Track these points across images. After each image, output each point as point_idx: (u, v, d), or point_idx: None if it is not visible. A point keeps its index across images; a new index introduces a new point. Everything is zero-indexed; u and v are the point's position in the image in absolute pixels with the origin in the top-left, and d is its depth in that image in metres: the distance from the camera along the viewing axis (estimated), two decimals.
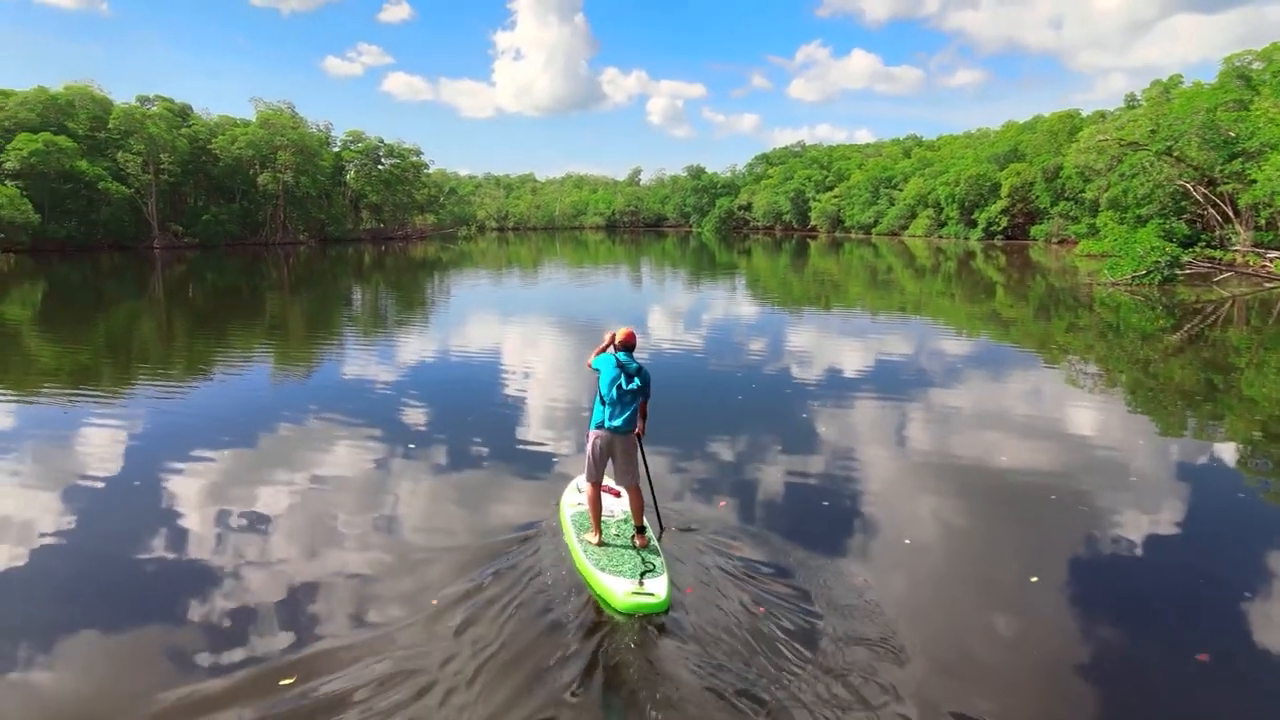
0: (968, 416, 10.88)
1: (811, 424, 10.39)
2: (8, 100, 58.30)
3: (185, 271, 41.51)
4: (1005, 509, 7.47)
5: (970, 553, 6.52)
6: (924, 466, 8.67)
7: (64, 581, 5.91)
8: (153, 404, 11.76)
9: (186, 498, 7.56)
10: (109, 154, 60.93)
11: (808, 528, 6.81)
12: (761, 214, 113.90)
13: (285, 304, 27.18)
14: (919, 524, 7.00)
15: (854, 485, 7.98)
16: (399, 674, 4.56)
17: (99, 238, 59.63)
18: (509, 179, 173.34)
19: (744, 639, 4.97)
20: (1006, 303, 26.21)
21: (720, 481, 8.02)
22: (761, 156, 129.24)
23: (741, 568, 5.93)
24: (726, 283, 35.86)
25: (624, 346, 6.37)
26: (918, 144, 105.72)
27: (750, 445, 9.39)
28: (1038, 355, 16.41)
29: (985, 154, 75.34)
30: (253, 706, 4.28)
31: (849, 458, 8.89)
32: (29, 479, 8.13)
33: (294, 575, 5.93)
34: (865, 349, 16.49)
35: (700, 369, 14.66)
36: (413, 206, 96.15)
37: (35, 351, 16.97)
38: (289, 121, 74.86)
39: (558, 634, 5.04)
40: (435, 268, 47.50)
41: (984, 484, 8.12)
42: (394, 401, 11.75)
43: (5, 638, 5.05)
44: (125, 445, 9.41)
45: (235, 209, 70.11)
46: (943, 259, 49.26)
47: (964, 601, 5.67)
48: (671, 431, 9.47)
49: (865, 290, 31.24)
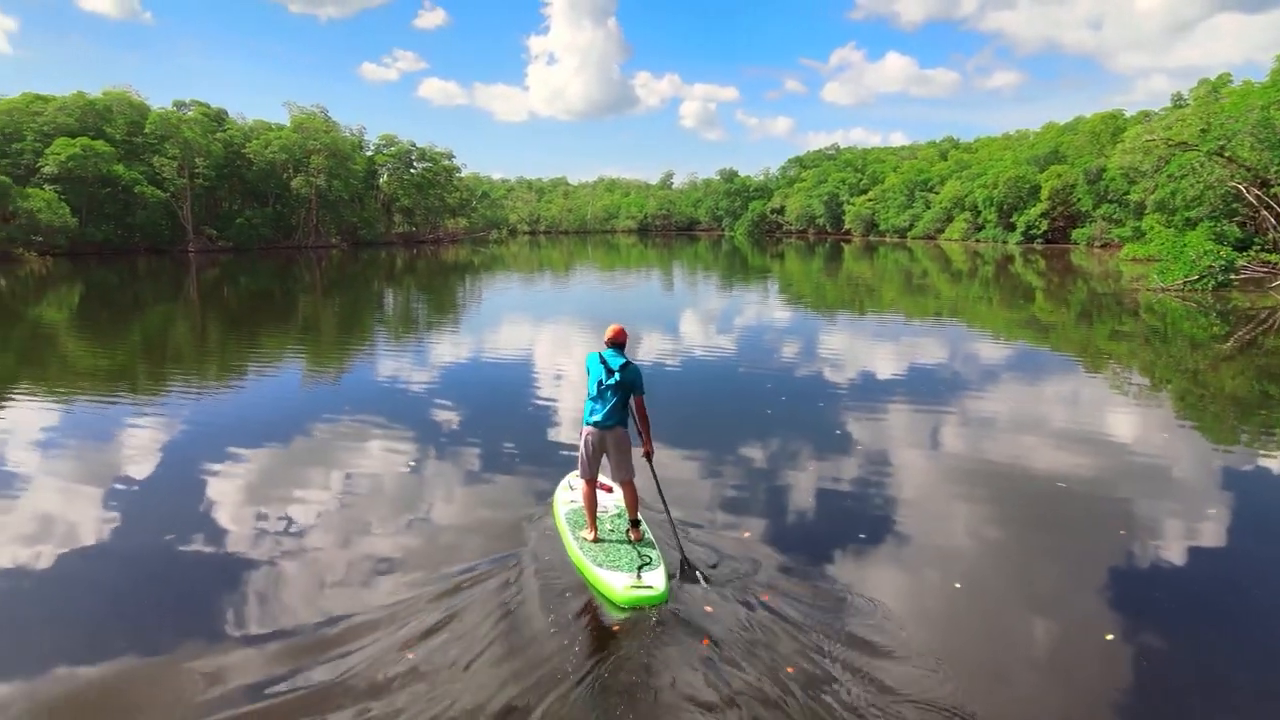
0: (1010, 428, 10.45)
1: (845, 440, 9.93)
2: (47, 106, 59.63)
3: (219, 274, 42.08)
4: (1056, 529, 7.08)
5: (1043, 624, 5.43)
6: (968, 487, 8.23)
7: (106, 571, 6.13)
8: (187, 405, 11.87)
9: (220, 495, 7.72)
10: (145, 158, 62.04)
11: (842, 559, 6.36)
12: (794, 217, 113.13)
13: (317, 307, 27.36)
14: (966, 562, 6.38)
15: (893, 512, 7.35)
16: (400, 667, 4.61)
17: (135, 241, 60.77)
18: (541, 182, 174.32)
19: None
20: (1047, 308, 25.52)
21: (746, 504, 7.46)
22: (795, 159, 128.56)
23: (767, 619, 5.16)
24: (759, 287, 35.49)
25: (611, 344, 6.27)
26: (954, 146, 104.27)
27: (779, 463, 8.82)
28: (1080, 362, 15.86)
29: (1024, 156, 74.01)
30: (262, 685, 4.46)
31: (885, 479, 8.37)
32: (71, 477, 8.26)
33: (309, 565, 6.14)
34: (900, 355, 16.07)
35: (730, 376, 14.37)
36: (444, 210, 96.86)
37: (73, 353, 17.15)
38: (322, 125, 75.91)
39: (556, 629, 5.06)
40: (467, 271, 47.71)
41: (1044, 512, 7.66)
42: (423, 403, 11.87)
43: (56, 626, 5.26)
44: (161, 444, 9.52)
45: (268, 213, 71.14)
46: (980, 263, 48.36)
47: (1024, 660, 5.26)
48: (698, 442, 9.24)
49: (900, 295, 30.67)
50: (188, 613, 5.42)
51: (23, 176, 54.87)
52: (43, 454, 9.11)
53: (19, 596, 5.68)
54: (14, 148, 56.70)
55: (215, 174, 66.60)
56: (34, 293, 31.81)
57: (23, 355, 17.17)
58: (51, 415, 11.08)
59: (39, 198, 52.23)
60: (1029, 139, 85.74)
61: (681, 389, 12.99)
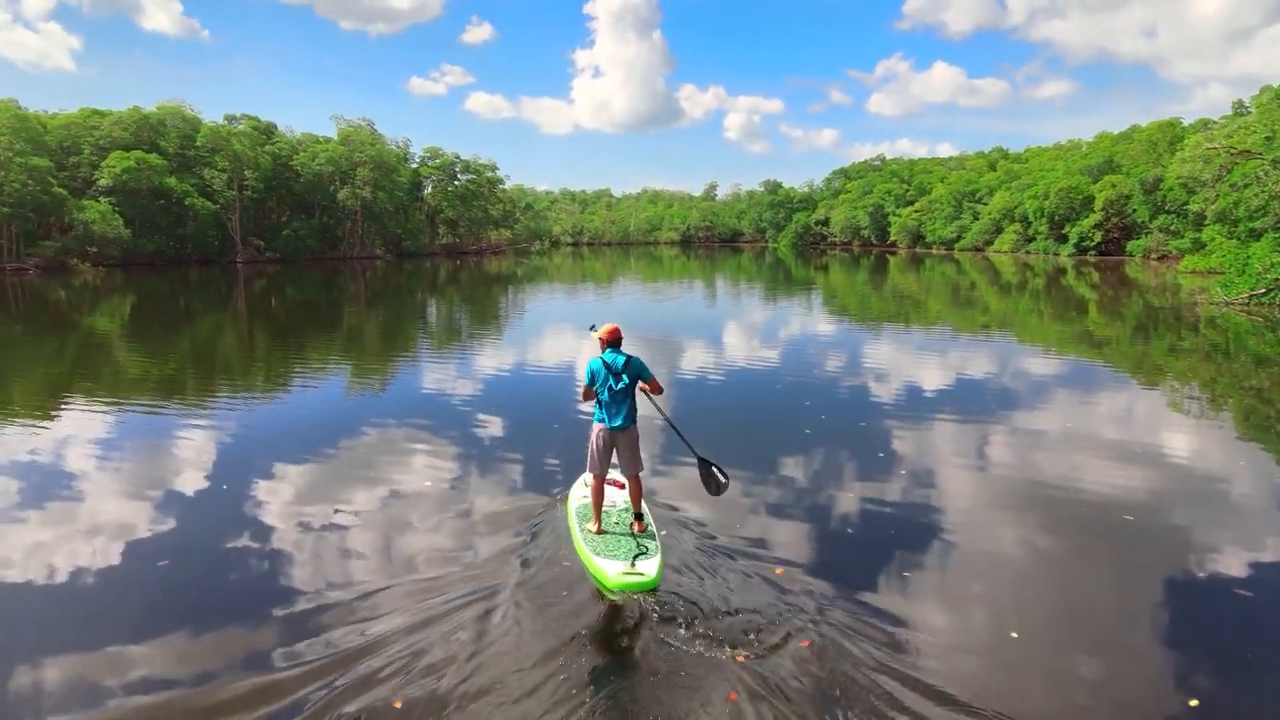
0: (1063, 449, 10.00)
1: (887, 463, 9.52)
2: (103, 120, 61.62)
3: (266, 285, 42.95)
4: (1117, 561, 6.73)
5: (1100, 662, 5.19)
6: (1019, 512, 7.85)
7: (159, 569, 6.32)
8: (235, 413, 12.09)
9: (265, 500, 7.89)
10: (196, 171, 63.83)
11: (885, 594, 5.91)
12: (839, 229, 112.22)
13: (361, 317, 27.68)
14: (1020, 599, 6.02)
15: (939, 544, 6.85)
16: (414, 653, 4.90)
17: (186, 252, 62.32)
18: (585, 194, 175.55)
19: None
20: (1101, 322, 24.77)
21: (781, 533, 7.05)
22: (840, 171, 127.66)
23: (806, 670, 4.77)
24: (802, 299, 35.09)
25: (609, 344, 6.49)
26: (1003, 156, 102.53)
27: (817, 487, 8.27)
28: (1136, 378, 15.27)
29: (1077, 165, 72.45)
30: (295, 680, 4.66)
31: (931, 507, 7.87)
32: (124, 482, 8.42)
33: (348, 553, 6.64)
34: (946, 371, 15.64)
35: (768, 391, 14.08)
36: (487, 221, 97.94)
37: (125, 362, 17.55)
38: (368, 138, 77.30)
39: (558, 613, 5.50)
40: (510, 282, 48.11)
41: (1100, 543, 7.29)
42: (461, 411, 12.02)
43: (109, 622, 5.46)
44: (210, 452, 9.69)
45: (315, 224, 72.59)
46: (1030, 275, 47.31)
47: (1081, 702, 4.98)
48: (733, 462, 8.80)
49: (947, 308, 30.06)
50: (233, 608, 5.67)
51: (80, 189, 56.82)
52: (97, 459, 9.32)
53: (76, 590, 5.93)
54: (71, 161, 58.80)
55: (264, 186, 68.21)
56: (88, 303, 32.72)
57: (79, 363, 17.57)
58: (105, 422, 11.27)
59: (94, 210, 53.96)
60: (1081, 149, 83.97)
61: (719, 405, 12.78)
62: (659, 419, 6.85)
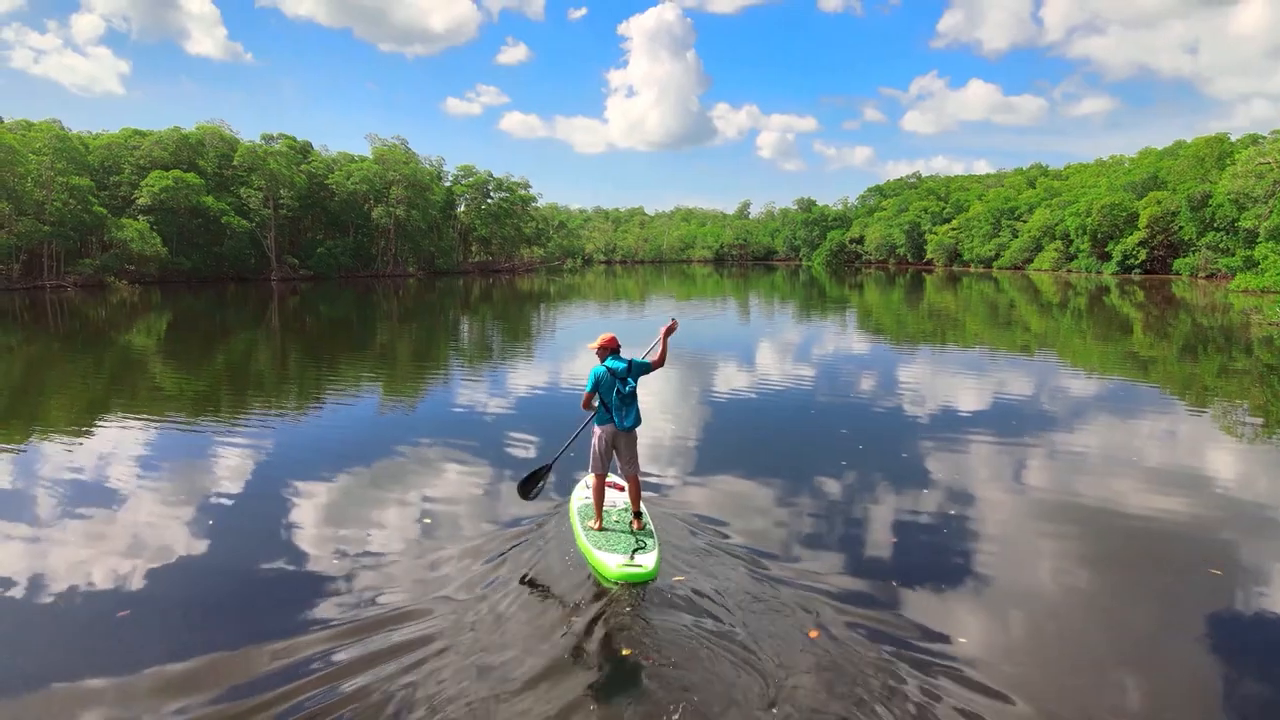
0: (1116, 473, 9.66)
1: (936, 509, 8.34)
2: (144, 140, 63.23)
3: (299, 302, 43.56)
4: (1186, 603, 6.42)
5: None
6: (1072, 543, 7.61)
7: (192, 577, 6.60)
8: (268, 429, 12.22)
9: (298, 514, 8.10)
10: (233, 190, 65.20)
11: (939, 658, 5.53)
12: (874, 247, 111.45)
13: (395, 334, 27.90)
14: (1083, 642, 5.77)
15: (990, 608, 6.26)
16: (423, 637, 5.27)
17: (223, 270, 63.50)
18: (618, 212, 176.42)
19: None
20: (1146, 342, 24.12)
21: (815, 591, 6.10)
22: (875, 188, 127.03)
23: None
24: (836, 318, 34.72)
25: (609, 352, 6.99)
26: (1043, 173, 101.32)
27: (855, 534, 7.38)
28: (1185, 400, 14.75)
29: (1120, 182, 71.18)
30: (316, 655, 5.10)
31: (989, 568, 7.10)
32: (155, 497, 8.59)
33: (370, 549, 7.10)
34: (989, 393, 15.26)
35: (802, 418, 13.67)
36: (520, 239, 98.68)
37: (161, 378, 17.80)
38: (402, 156, 78.46)
39: (561, 603, 5.82)
40: (542, 300, 48.26)
41: (1185, 599, 7.01)
42: (489, 425, 12.26)
43: (149, 626, 5.69)
44: (241, 467, 9.85)
45: (349, 242, 73.66)
46: (1072, 294, 46.42)
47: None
48: (764, 501, 8.54)
49: (985, 327, 29.52)
50: (263, 610, 5.97)
51: (120, 208, 58.26)
52: (134, 474, 9.47)
53: (114, 599, 6.11)
54: (112, 180, 60.35)
55: (299, 204, 69.41)
56: (124, 320, 33.32)
57: (114, 380, 17.88)
58: (138, 438, 11.42)
59: (132, 228, 55.27)
60: (1124, 165, 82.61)
61: (751, 432, 12.34)
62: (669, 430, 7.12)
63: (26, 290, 49.56)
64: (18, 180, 49.77)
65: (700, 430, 12.03)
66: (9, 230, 49.78)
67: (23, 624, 5.72)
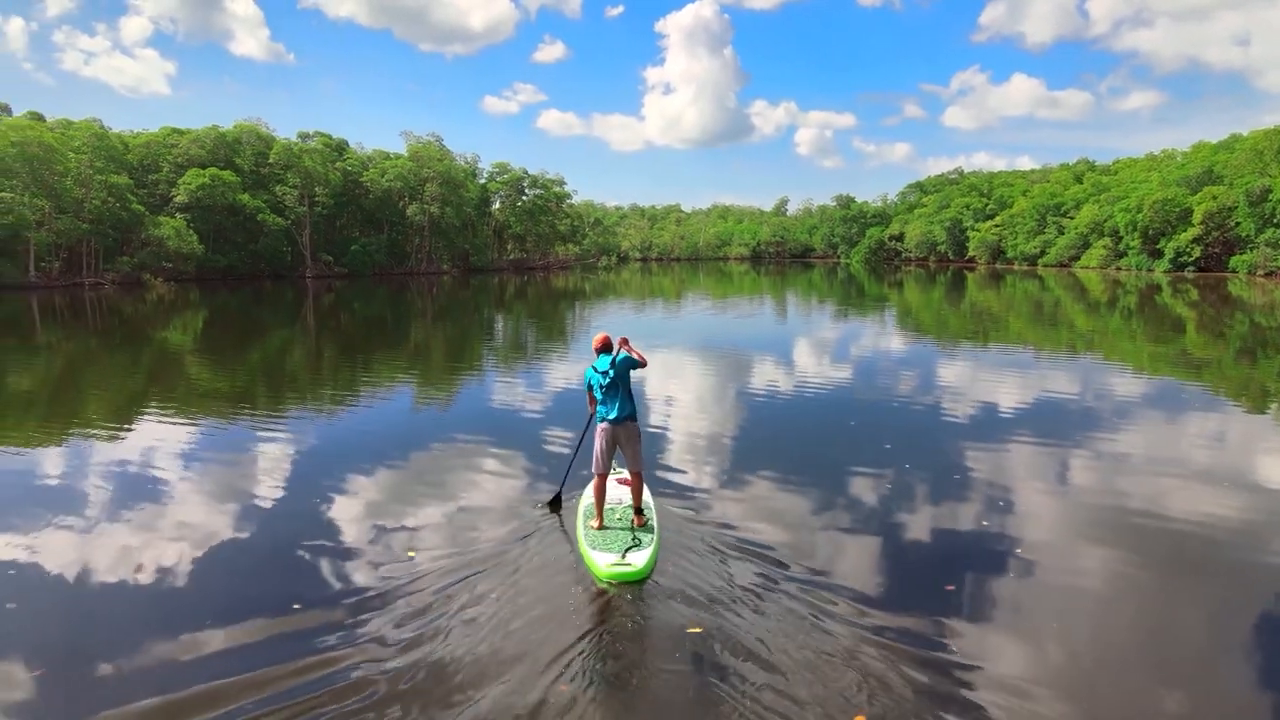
0: (1170, 482, 9.23)
1: (1002, 550, 7.25)
2: (181, 138, 64.27)
3: (333, 300, 43.97)
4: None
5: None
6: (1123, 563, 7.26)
7: (238, 560, 6.94)
8: (304, 425, 12.44)
9: (333, 505, 8.26)
10: (269, 187, 66.05)
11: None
12: (914, 244, 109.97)
13: (428, 332, 28.04)
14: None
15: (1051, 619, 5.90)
16: (422, 621, 5.47)
17: (259, 267, 64.39)
18: (654, 210, 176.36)
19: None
20: (1200, 342, 23.29)
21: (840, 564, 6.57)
22: (915, 184, 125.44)
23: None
24: (875, 316, 34.14)
25: (599, 352, 7.14)
26: (1090, 168, 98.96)
27: (907, 576, 6.42)
28: (1242, 403, 14.12)
29: (1173, 177, 69.16)
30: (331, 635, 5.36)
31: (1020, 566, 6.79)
32: (189, 492, 8.76)
33: (395, 545, 7.10)
34: (1028, 393, 14.77)
35: (841, 429, 12.96)
36: (555, 236, 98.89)
37: (197, 375, 18.00)
38: (436, 153, 78.91)
39: (552, 600, 5.80)
40: (577, 298, 48.22)
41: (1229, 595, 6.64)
42: (527, 425, 12.13)
43: (193, 607, 5.90)
44: (274, 463, 10.02)
45: (383, 239, 74.33)
46: (1121, 293, 45.20)
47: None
48: (801, 534, 8.15)
49: (1029, 326, 28.79)
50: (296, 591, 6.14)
51: (158, 206, 59.30)
52: (164, 470, 9.61)
53: (141, 596, 6.21)
54: (151, 179, 61.42)
55: (334, 202, 70.18)
56: (159, 317, 33.88)
57: (152, 377, 18.07)
58: (180, 433, 11.64)
59: (168, 225, 56.23)
60: (1176, 159, 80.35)
61: (788, 448, 11.28)
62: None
63: (65, 288, 50.65)
64: (57, 179, 50.86)
65: (730, 430, 11.82)
66: (49, 228, 50.91)
67: (76, 606, 5.97)
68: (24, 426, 12.45)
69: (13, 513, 7.93)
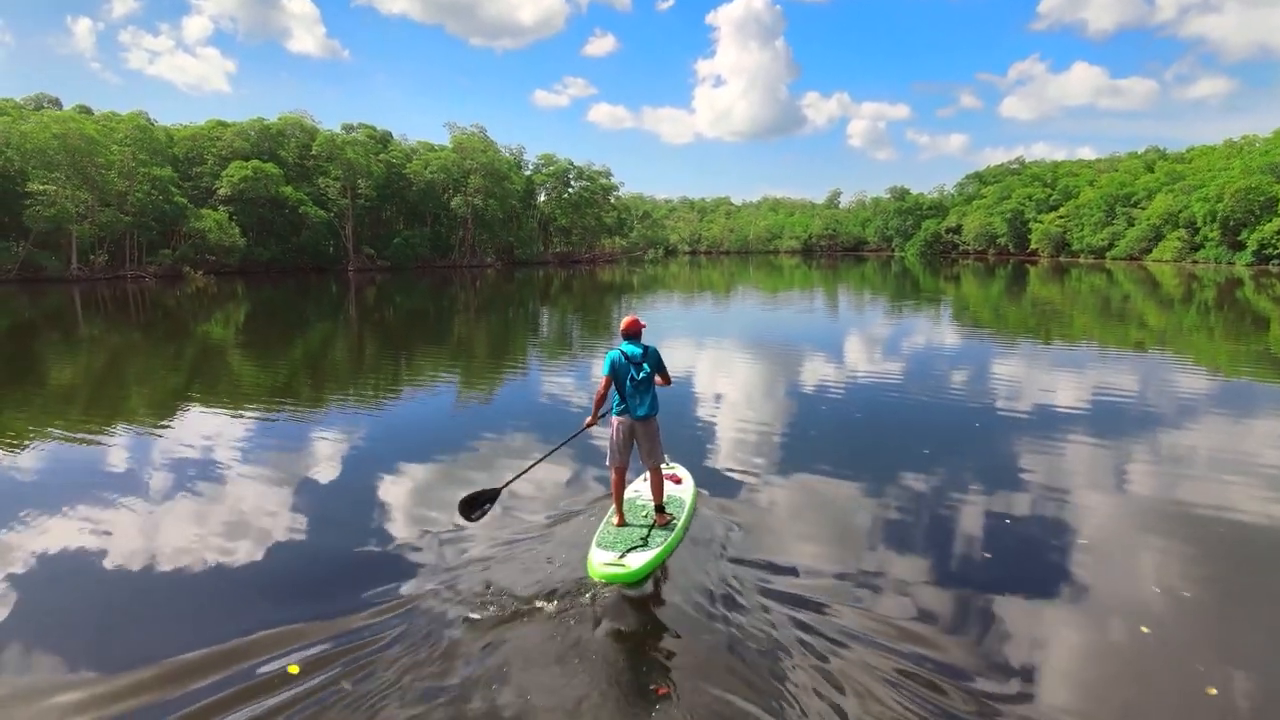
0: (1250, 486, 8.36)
1: (1021, 515, 7.72)
2: (225, 131, 65.10)
3: (375, 293, 44.08)
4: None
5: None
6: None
7: (282, 553, 6.94)
8: (346, 418, 12.47)
9: (374, 497, 8.36)
10: (313, 180, 66.64)
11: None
12: (972, 237, 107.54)
13: (470, 326, 27.87)
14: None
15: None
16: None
17: (302, 260, 64.97)
18: (704, 202, 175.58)
19: None
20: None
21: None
22: (974, 175, 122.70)
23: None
24: (930, 311, 32.96)
25: (627, 335, 6.69)
26: (1161, 157, 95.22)
27: (924, 547, 6.72)
28: None
29: (1257, 164, 65.87)
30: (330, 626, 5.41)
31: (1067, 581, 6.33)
32: (250, 480, 8.96)
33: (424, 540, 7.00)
34: (1093, 393, 13.81)
35: (885, 412, 12.68)
36: (601, 229, 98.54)
37: (238, 369, 17.96)
38: (480, 145, 78.75)
39: (543, 597, 5.60)
40: (624, 291, 47.71)
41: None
42: (567, 417, 11.87)
43: (239, 596, 6.09)
44: (322, 454, 10.16)
45: (426, 232, 74.63)
46: (1198, 287, 43.14)
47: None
48: (829, 498, 7.87)
49: (1095, 321, 27.45)
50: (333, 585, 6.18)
51: (202, 198, 60.11)
52: (222, 460, 9.79)
53: (208, 574, 6.47)
54: (195, 171, 62.30)
55: (377, 194, 70.55)
56: (198, 310, 34.15)
57: (193, 370, 18.06)
58: (221, 426, 11.67)
59: (210, 218, 56.82)
60: (1257, 145, 76.74)
61: (823, 433, 11.40)
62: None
63: (108, 280, 51.48)
64: (99, 171, 51.48)
65: (776, 430, 11.28)
66: (91, 221, 51.67)
67: (108, 598, 6.10)
68: (67, 418, 12.37)
69: (57, 504, 8.05)
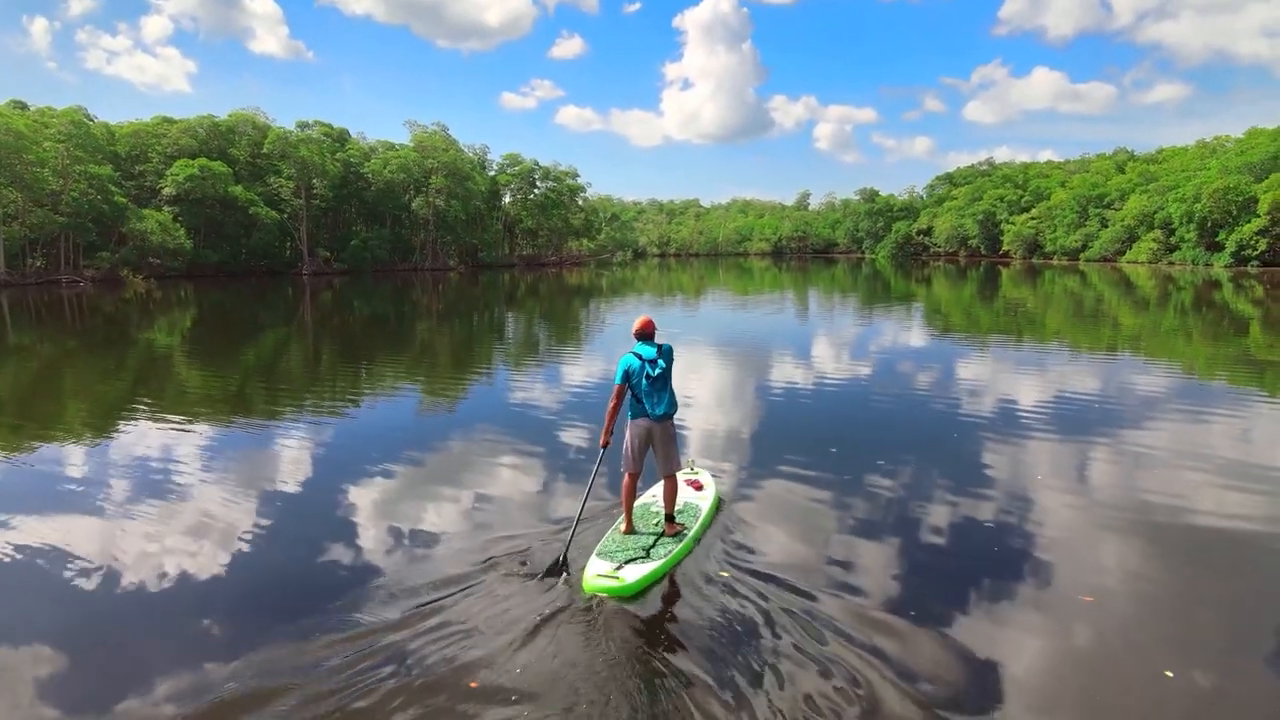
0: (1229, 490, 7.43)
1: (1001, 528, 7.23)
2: (171, 128, 62.87)
3: (333, 297, 42.68)
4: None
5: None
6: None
7: (245, 567, 6.64)
8: (303, 429, 11.90)
9: (338, 509, 8.06)
10: (265, 179, 64.66)
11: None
12: (944, 239, 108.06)
13: (433, 332, 26.82)
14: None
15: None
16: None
17: (253, 263, 62.94)
18: (673, 204, 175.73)
19: None
20: (1265, 342, 21.32)
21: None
22: (944, 176, 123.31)
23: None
24: (901, 313, 32.28)
25: (641, 336, 6.49)
26: (1131, 158, 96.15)
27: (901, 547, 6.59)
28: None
29: (1235, 164, 66.08)
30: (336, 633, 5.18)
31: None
32: (206, 492, 8.58)
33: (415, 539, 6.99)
34: (1060, 394, 12.95)
35: (857, 417, 12.03)
36: (568, 231, 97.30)
37: (185, 378, 17.30)
38: (441, 143, 77.06)
39: (540, 608, 5.33)
40: (591, 295, 46.70)
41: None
42: (543, 425, 11.74)
43: (206, 609, 5.81)
44: (281, 464, 9.80)
45: (385, 234, 72.85)
46: (1173, 289, 42.93)
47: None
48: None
49: (1068, 323, 26.85)
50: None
51: (146, 199, 58.04)
52: (174, 472, 9.36)
53: (172, 589, 6.17)
54: (138, 170, 60.13)
55: (333, 194, 68.72)
56: (141, 317, 32.69)
57: (139, 380, 17.03)
58: (164, 439, 11.07)
59: (152, 219, 54.60)
60: (1228, 146, 77.35)
61: (805, 434, 10.72)
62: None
63: (39, 286, 49.29)
64: (29, 169, 49.20)
65: (769, 429, 11.31)
66: (22, 221, 49.47)
67: (67, 615, 5.79)
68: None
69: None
